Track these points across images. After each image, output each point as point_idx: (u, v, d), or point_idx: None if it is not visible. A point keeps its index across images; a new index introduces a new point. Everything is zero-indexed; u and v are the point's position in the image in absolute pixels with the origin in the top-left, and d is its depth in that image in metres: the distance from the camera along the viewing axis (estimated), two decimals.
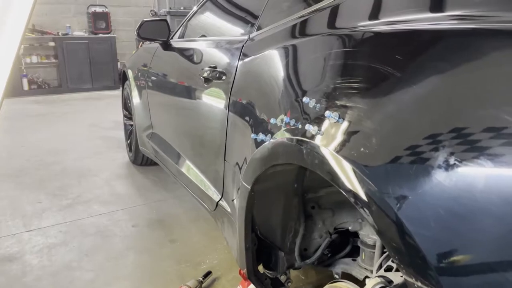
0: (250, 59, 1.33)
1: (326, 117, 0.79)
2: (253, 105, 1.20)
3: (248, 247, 1.24)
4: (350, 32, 0.91)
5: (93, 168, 3.32)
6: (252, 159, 1.10)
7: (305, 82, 0.97)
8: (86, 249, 2.09)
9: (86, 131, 4.65)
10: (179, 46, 2.16)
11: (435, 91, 0.66)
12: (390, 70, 0.74)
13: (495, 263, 0.53)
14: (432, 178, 0.59)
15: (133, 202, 2.67)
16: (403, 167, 0.64)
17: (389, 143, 0.69)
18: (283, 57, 1.11)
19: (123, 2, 8.11)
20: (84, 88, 7.55)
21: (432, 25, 0.75)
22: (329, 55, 0.92)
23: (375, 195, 0.66)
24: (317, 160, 0.80)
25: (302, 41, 1.08)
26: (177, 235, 2.23)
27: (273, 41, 1.23)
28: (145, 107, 2.68)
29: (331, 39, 0.97)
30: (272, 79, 1.11)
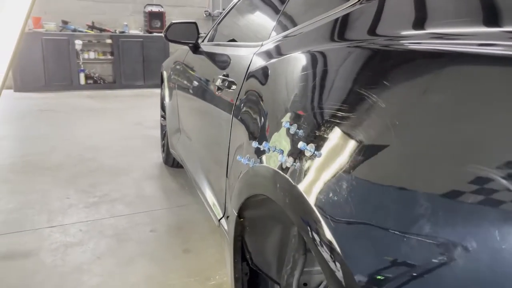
0: (255, 69, 1.21)
1: (301, 149, 0.65)
2: (247, 123, 1.08)
3: (237, 277, 1.12)
4: (347, 46, 0.76)
5: (126, 167, 3.34)
6: (238, 183, 0.98)
7: (290, 103, 0.83)
8: (100, 252, 2.06)
9: (129, 129, 4.74)
10: (206, 50, 2.08)
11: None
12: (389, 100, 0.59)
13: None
14: (399, 241, 0.48)
15: (157, 205, 2.64)
16: (367, 223, 0.50)
17: (365, 198, 0.55)
18: (278, 71, 0.98)
19: (179, 2, 8.26)
20: (136, 85, 7.77)
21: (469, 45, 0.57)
22: (321, 72, 0.78)
23: (336, 254, 0.53)
24: (287, 199, 0.67)
25: (294, 55, 0.95)
26: (192, 245, 2.15)
27: (274, 51, 1.10)
28: (174, 110, 2.64)
29: (324, 53, 0.83)
30: (265, 95, 0.98)
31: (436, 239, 0.45)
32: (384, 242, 0.50)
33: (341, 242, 0.54)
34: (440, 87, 0.52)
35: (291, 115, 0.77)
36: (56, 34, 7.22)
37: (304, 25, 1.10)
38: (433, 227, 0.45)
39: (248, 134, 1.04)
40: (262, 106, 0.98)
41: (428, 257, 0.45)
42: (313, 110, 0.71)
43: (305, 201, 0.61)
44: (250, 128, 1.03)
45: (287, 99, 0.86)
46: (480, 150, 0.44)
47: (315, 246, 0.59)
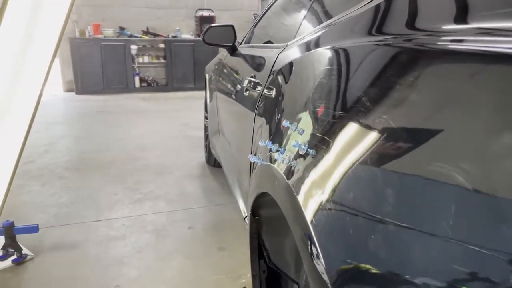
0: (277, 70, 1.23)
1: (294, 146, 0.66)
2: (263, 122, 1.10)
3: (255, 274, 1.14)
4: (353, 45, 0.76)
5: (171, 166, 3.46)
6: (251, 181, 1.00)
7: (295, 102, 0.84)
8: (140, 246, 2.17)
9: (176, 129, 4.90)
10: (242, 52, 2.12)
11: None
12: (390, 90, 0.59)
13: None
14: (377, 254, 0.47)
15: (196, 204, 2.71)
16: (350, 233, 0.51)
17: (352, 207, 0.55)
18: (290, 72, 0.99)
19: (229, 6, 8.42)
20: (187, 87, 8.01)
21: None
22: (326, 71, 0.78)
23: (324, 264, 0.54)
24: (283, 197, 0.68)
25: (310, 54, 0.95)
26: (227, 243, 2.20)
27: (296, 51, 1.11)
28: (214, 111, 2.71)
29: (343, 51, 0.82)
30: (278, 95, 1.00)
31: (431, 247, 0.43)
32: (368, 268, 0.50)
33: (320, 239, 0.55)
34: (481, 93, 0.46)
35: (292, 114, 0.78)
36: (113, 39, 7.62)
37: (327, 23, 1.10)
38: (424, 233, 0.44)
39: (261, 133, 1.06)
40: (274, 106, 0.99)
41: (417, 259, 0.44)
42: (313, 110, 0.72)
43: (295, 199, 0.62)
44: (264, 127, 1.05)
45: (296, 98, 0.87)
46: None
47: (302, 244, 0.60)
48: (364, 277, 0.49)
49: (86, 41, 7.47)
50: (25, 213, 2.51)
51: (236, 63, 2.14)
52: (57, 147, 4.07)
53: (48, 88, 7.43)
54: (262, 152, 0.92)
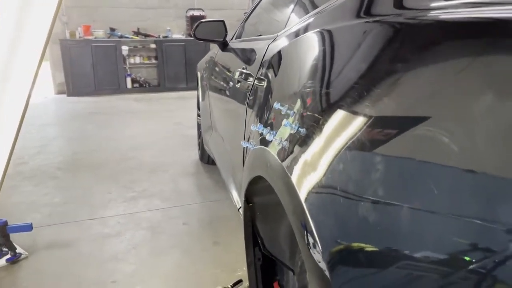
0: (267, 59, 1.24)
1: (285, 126, 0.67)
2: (256, 109, 1.11)
3: (250, 262, 1.15)
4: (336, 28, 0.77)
5: (165, 164, 3.46)
6: (244, 168, 1.01)
7: (286, 85, 0.85)
8: (135, 243, 2.16)
9: (170, 128, 4.89)
10: (233, 47, 2.12)
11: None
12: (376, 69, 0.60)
13: None
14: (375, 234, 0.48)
15: (191, 200, 2.72)
16: (342, 207, 0.51)
17: (336, 177, 0.56)
18: (280, 59, 1.00)
19: (219, 5, 8.42)
20: (179, 87, 8.00)
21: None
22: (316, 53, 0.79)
23: (317, 234, 0.55)
24: (274, 177, 0.69)
25: (299, 39, 0.96)
26: (222, 238, 2.21)
27: (285, 40, 1.12)
28: (207, 107, 2.71)
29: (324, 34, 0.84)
30: (269, 82, 1.01)
31: (421, 225, 0.44)
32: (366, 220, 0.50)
33: (315, 219, 0.55)
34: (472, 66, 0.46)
35: (283, 97, 0.79)
36: (104, 40, 7.59)
37: (315, 11, 1.11)
38: (416, 209, 0.45)
39: (255, 119, 1.07)
40: (266, 92, 1.00)
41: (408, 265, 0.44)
42: (305, 91, 0.73)
43: (289, 179, 0.63)
44: (256, 114, 1.06)
45: (287, 82, 0.88)
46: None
47: (296, 225, 0.60)
48: (360, 258, 0.49)
49: (76, 42, 7.43)
50: (19, 213, 2.49)
51: (227, 58, 2.15)
52: (50, 148, 4.05)
53: (39, 90, 7.35)
54: (254, 138, 0.93)
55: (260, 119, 0.94)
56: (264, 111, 0.92)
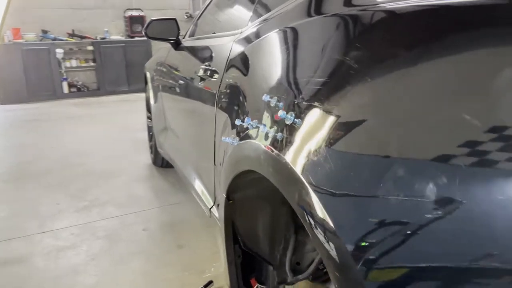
0: (235, 54, 1.23)
1: (281, 117, 0.67)
2: (231, 105, 1.10)
3: (230, 260, 1.14)
4: (321, 18, 0.78)
5: (115, 170, 3.32)
6: (224, 164, 0.99)
7: (270, 77, 0.85)
8: (93, 253, 2.06)
9: (116, 133, 4.71)
10: (187, 45, 2.08)
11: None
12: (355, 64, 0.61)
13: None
14: (384, 206, 0.49)
15: (148, 205, 2.63)
16: (359, 189, 0.51)
17: (346, 158, 0.56)
18: (256, 52, 1.00)
19: (159, 5, 8.23)
20: (120, 90, 7.72)
21: None
22: (295, 47, 0.80)
23: (324, 216, 0.55)
24: (271, 168, 0.68)
25: (275, 33, 0.96)
26: (186, 241, 2.16)
27: (255, 34, 1.12)
28: (160, 108, 2.64)
29: (300, 28, 0.84)
30: (245, 75, 1.00)
31: (423, 201, 0.45)
32: (370, 205, 0.51)
33: (326, 203, 0.55)
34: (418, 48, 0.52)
35: (270, 89, 0.79)
36: (36, 44, 7.14)
37: (280, 7, 1.12)
38: (417, 188, 0.46)
39: (231, 115, 1.05)
40: (243, 87, 0.99)
41: (415, 219, 0.45)
42: (290, 81, 0.73)
43: (288, 166, 0.63)
44: (233, 109, 1.05)
45: (266, 76, 0.88)
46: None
47: (301, 211, 0.60)
48: (372, 233, 0.49)
49: (5, 47, 6.92)
50: None
51: (182, 57, 2.10)
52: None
53: None
54: (237, 133, 0.91)
55: (241, 114, 0.93)
56: (245, 104, 0.91)
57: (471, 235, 0.42)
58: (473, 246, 0.41)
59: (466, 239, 0.42)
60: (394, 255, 0.47)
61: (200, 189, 1.64)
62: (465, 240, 0.42)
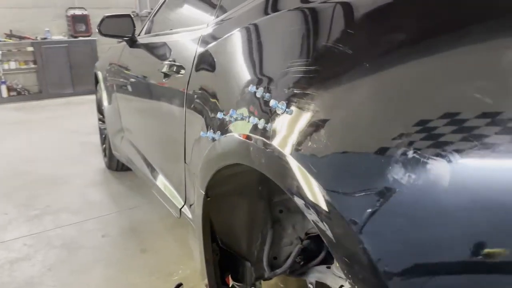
0: (205, 49, 1.20)
1: (272, 107, 0.66)
2: (206, 99, 1.07)
3: (208, 258, 1.11)
4: (302, 8, 0.78)
5: (67, 176, 3.16)
6: (204, 160, 0.97)
7: (253, 68, 0.84)
8: (50, 263, 1.94)
9: (64, 137, 4.48)
10: (144, 42, 2.02)
11: (406, 79, 0.53)
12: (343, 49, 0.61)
13: (461, 277, 0.43)
14: (390, 178, 0.48)
15: (106, 210, 2.52)
16: (356, 165, 0.51)
17: (340, 138, 0.56)
18: (233, 43, 0.98)
19: (103, 4, 7.93)
20: (65, 93, 7.36)
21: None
22: (278, 36, 0.80)
23: (323, 198, 0.54)
24: (263, 159, 0.67)
25: (253, 24, 0.95)
26: (150, 244, 2.09)
27: (226, 27, 1.10)
28: (115, 110, 2.53)
29: (278, 19, 0.84)
30: (222, 68, 0.98)
31: (417, 178, 0.45)
32: (373, 187, 0.50)
33: (329, 189, 0.55)
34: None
35: (255, 80, 0.78)
36: None
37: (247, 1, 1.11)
38: (408, 167, 0.46)
39: (207, 110, 1.03)
40: (220, 80, 0.97)
41: (421, 200, 0.45)
42: (278, 70, 0.72)
43: (284, 156, 0.62)
44: (209, 104, 1.02)
45: (249, 67, 0.86)
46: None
47: (301, 200, 0.59)
48: (378, 215, 0.49)
49: None
50: None
51: (140, 54, 2.03)
52: None
53: None
54: (217, 127, 0.89)
55: (222, 107, 0.91)
56: (226, 98, 0.89)
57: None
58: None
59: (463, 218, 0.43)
60: (402, 235, 0.47)
61: (168, 189, 1.59)
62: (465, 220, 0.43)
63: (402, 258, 0.47)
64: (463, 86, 0.46)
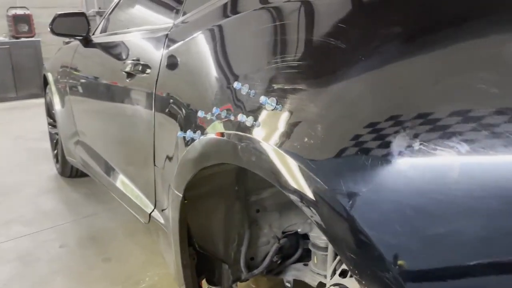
0: (175, 47, 1.16)
1: (262, 104, 0.64)
2: (181, 98, 1.03)
3: (185, 263, 1.07)
4: (282, 3, 0.77)
5: (16, 184, 2.96)
6: (181, 162, 0.93)
7: (236, 65, 0.82)
8: (4, 279, 1.81)
9: (10, 144, 4.20)
10: (101, 42, 1.93)
11: (396, 68, 0.54)
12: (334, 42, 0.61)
13: (468, 266, 0.43)
14: (391, 170, 0.47)
15: (61, 219, 2.39)
16: (357, 158, 0.50)
17: (338, 130, 0.55)
18: (210, 41, 0.95)
19: (47, 3, 7.53)
20: (7, 97, 6.90)
21: None
22: (259, 32, 0.78)
23: (323, 193, 0.53)
24: (254, 157, 0.65)
25: (229, 21, 0.93)
26: (112, 253, 2.00)
27: (198, 24, 1.07)
28: (68, 113, 2.41)
29: (260, 14, 0.83)
30: (199, 66, 0.95)
31: (423, 170, 0.45)
32: (375, 177, 0.49)
33: (317, 177, 0.54)
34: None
35: (240, 77, 0.76)
36: None
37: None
38: (414, 159, 0.46)
39: (182, 109, 0.99)
40: (197, 78, 0.94)
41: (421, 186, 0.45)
42: (265, 67, 0.71)
43: (277, 152, 0.61)
44: (184, 103, 0.99)
45: (230, 64, 0.84)
46: None
47: (300, 198, 0.58)
48: (380, 203, 0.48)
49: None
50: None
51: (96, 54, 1.94)
52: None
53: None
54: (197, 126, 0.86)
55: (202, 105, 0.87)
56: (206, 96, 0.86)
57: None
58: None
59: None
60: (410, 228, 0.47)
61: (134, 194, 1.53)
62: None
63: (413, 251, 0.46)
64: (466, 80, 0.46)
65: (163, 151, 1.18)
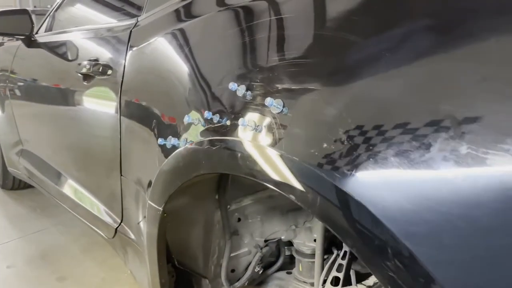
0: (142, 47, 1.06)
1: (268, 106, 0.57)
2: (155, 102, 0.94)
3: (164, 282, 0.98)
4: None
5: None
6: (161, 172, 0.84)
7: (227, 62, 0.74)
8: None
9: None
10: (47, 41, 1.76)
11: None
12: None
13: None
14: (396, 164, 0.46)
15: (6, 237, 2.17)
16: (365, 156, 0.48)
17: (354, 132, 0.51)
18: (192, 36, 0.87)
19: None
20: None
21: None
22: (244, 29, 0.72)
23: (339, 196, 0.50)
24: (258, 167, 0.58)
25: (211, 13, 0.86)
26: (66, 271, 1.84)
27: (170, 19, 0.98)
28: (9, 120, 2.19)
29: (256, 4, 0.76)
30: (179, 65, 0.86)
31: (411, 156, 0.44)
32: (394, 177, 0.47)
33: (346, 186, 0.50)
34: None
35: (234, 77, 0.68)
36: None
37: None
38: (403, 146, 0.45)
39: (158, 115, 0.89)
40: (176, 80, 0.85)
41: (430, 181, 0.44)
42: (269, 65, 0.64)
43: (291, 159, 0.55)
44: (161, 108, 0.89)
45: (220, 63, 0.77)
46: None
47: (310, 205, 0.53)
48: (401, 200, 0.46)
49: None
50: None
51: (43, 55, 1.77)
52: None
53: None
54: (181, 133, 0.77)
55: (186, 109, 0.78)
56: (193, 99, 0.77)
57: None
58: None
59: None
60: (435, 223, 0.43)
61: (95, 207, 1.40)
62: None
63: (437, 248, 0.43)
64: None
65: (132, 160, 1.08)
